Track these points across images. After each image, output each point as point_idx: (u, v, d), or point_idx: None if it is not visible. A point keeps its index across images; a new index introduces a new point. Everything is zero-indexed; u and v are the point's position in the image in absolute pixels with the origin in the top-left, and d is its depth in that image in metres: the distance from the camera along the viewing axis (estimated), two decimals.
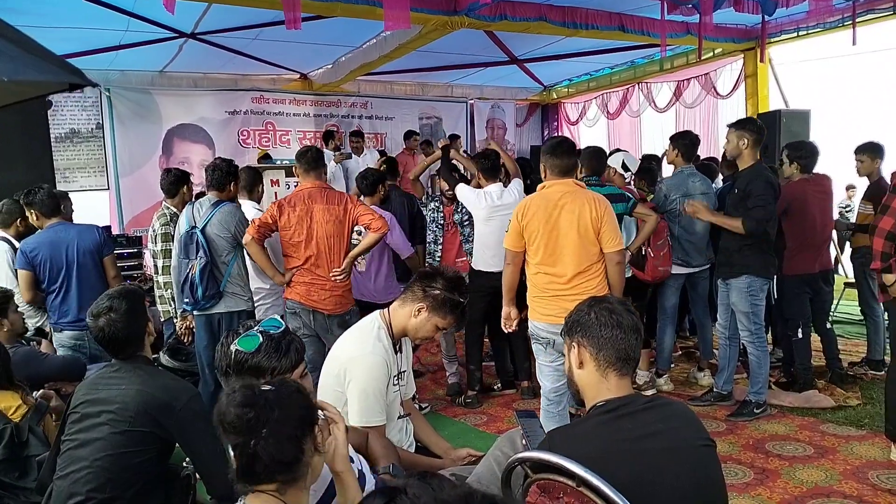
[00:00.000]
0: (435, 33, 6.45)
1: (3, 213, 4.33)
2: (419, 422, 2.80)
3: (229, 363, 1.84)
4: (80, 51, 7.17)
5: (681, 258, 4.71)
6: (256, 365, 1.81)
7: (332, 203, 3.99)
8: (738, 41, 7.76)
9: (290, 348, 1.88)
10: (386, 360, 2.46)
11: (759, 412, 4.25)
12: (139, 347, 2.39)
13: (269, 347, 1.84)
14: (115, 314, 2.32)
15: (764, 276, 4.18)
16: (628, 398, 1.78)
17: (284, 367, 1.84)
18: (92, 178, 8.08)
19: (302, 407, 1.50)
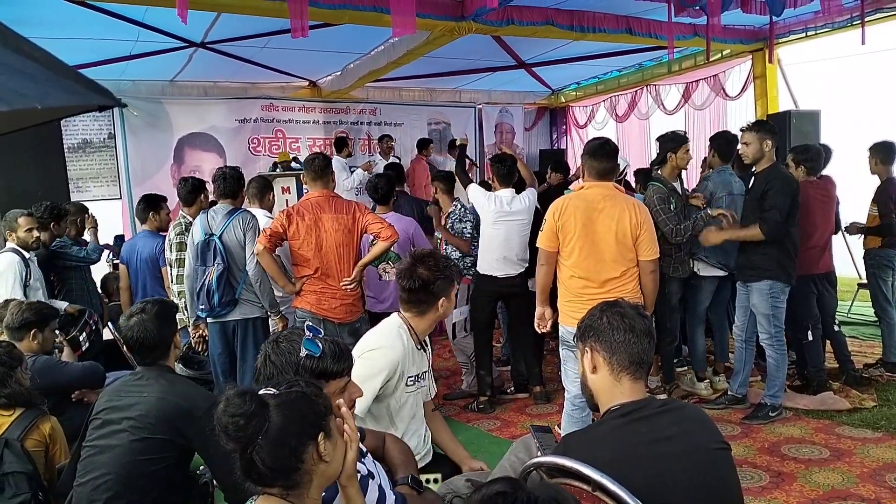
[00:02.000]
0: (442, 39, 6.47)
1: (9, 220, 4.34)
2: (439, 426, 2.80)
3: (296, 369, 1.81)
4: (91, 61, 7.24)
5: (721, 261, 4.63)
6: (323, 369, 1.81)
7: (341, 212, 4.00)
8: (746, 42, 7.73)
9: (348, 352, 1.90)
10: (401, 357, 2.49)
11: (775, 415, 4.23)
12: (164, 355, 2.45)
13: (332, 351, 1.85)
14: (146, 315, 2.40)
15: (786, 280, 4.15)
16: (642, 402, 1.78)
17: (345, 370, 1.86)
18: (105, 187, 8.14)
19: (305, 414, 1.45)
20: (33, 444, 2.63)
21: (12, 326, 3.23)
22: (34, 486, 2.51)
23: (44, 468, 2.64)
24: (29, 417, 2.68)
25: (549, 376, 5.19)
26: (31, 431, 2.65)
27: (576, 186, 3.57)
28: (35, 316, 3.30)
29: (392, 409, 2.54)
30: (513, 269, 4.72)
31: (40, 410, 2.76)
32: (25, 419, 2.67)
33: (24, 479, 2.49)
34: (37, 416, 2.72)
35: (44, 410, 2.79)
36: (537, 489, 1.16)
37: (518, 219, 4.69)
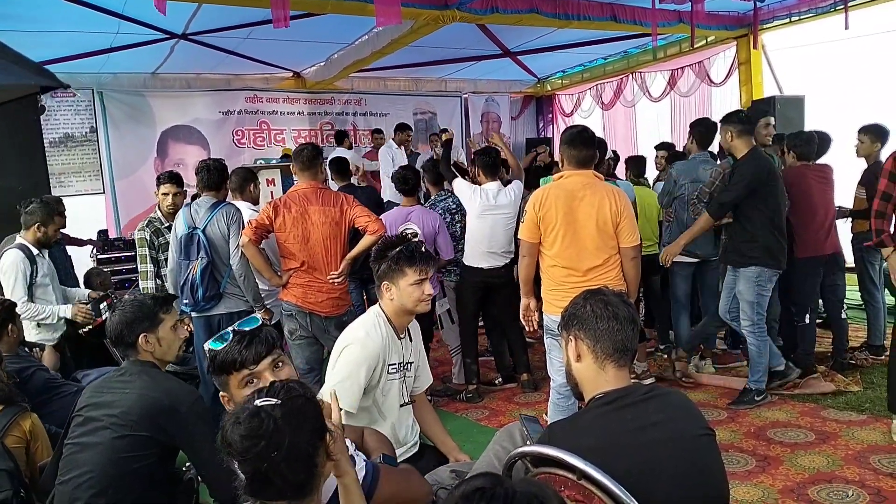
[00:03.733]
0: (427, 28, 6.43)
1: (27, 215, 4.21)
2: (429, 416, 2.81)
3: (209, 363, 1.90)
4: (72, 54, 7.15)
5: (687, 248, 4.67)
6: (223, 360, 1.85)
7: (328, 204, 3.96)
8: (730, 28, 7.74)
9: (253, 340, 1.87)
10: (380, 347, 2.51)
11: (760, 399, 4.26)
12: (132, 351, 2.41)
13: (234, 342, 1.86)
14: (116, 312, 2.41)
15: (774, 267, 4.16)
16: (627, 389, 1.78)
17: (249, 359, 1.84)
18: (87, 182, 8.06)
19: (312, 419, 1.41)
20: (14, 441, 2.60)
21: None
22: (16, 483, 2.47)
23: (25, 465, 2.61)
24: (9, 414, 2.65)
25: (537, 364, 5.19)
26: (11, 428, 2.62)
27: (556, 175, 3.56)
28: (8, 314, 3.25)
29: (378, 400, 2.54)
30: (498, 261, 4.73)
31: (21, 407, 2.73)
32: (5, 416, 2.64)
33: (5, 476, 2.46)
34: (17, 412, 2.68)
35: (24, 407, 2.75)
36: (518, 484, 1.16)
37: (503, 212, 4.67)
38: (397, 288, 2.54)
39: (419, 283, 2.54)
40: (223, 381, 1.88)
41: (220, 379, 1.88)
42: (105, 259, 6.82)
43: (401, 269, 2.54)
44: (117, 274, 6.66)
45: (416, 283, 2.54)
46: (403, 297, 2.54)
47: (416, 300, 2.55)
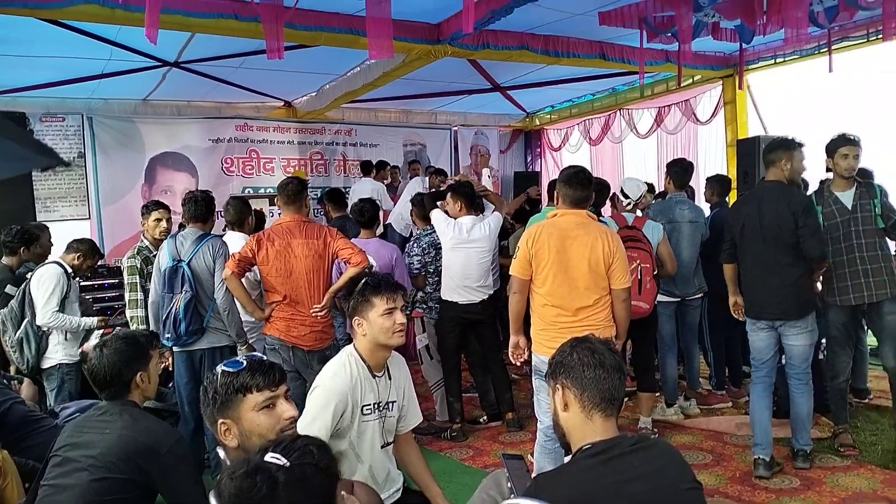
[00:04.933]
0: (418, 62, 6.50)
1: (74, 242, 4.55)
2: (414, 458, 2.75)
3: (216, 387, 1.81)
4: (63, 79, 7.14)
5: (664, 287, 4.71)
6: (243, 381, 1.79)
7: (312, 237, 3.95)
8: (716, 68, 7.88)
9: (273, 367, 1.87)
10: (348, 388, 2.43)
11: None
12: (124, 391, 2.36)
13: (252, 367, 1.83)
14: (108, 350, 2.35)
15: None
16: (614, 441, 1.77)
17: (270, 380, 1.81)
18: (73, 207, 7.99)
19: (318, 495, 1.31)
20: None
21: None
22: None
23: None
24: None
25: (522, 402, 5.16)
26: None
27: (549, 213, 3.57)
28: None
29: (353, 442, 2.48)
30: (475, 296, 4.71)
31: None
32: None
33: None
34: None
35: None
36: None
37: (477, 246, 4.66)
38: (367, 321, 2.47)
39: (389, 312, 2.47)
40: (234, 405, 1.79)
41: (230, 403, 1.79)
42: (88, 286, 6.74)
43: (368, 300, 2.48)
44: (99, 301, 6.57)
45: (386, 314, 2.46)
46: (375, 329, 2.47)
47: (388, 331, 2.47)
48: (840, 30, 6.39)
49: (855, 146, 3.93)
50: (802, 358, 3.82)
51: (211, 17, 5.01)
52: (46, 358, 4.21)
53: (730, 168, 8.04)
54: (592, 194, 3.61)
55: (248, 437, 1.79)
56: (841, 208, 3.97)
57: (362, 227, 4.86)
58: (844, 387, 4.18)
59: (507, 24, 5.73)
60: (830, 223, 3.98)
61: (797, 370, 3.84)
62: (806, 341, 3.80)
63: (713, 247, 4.95)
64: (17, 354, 4.10)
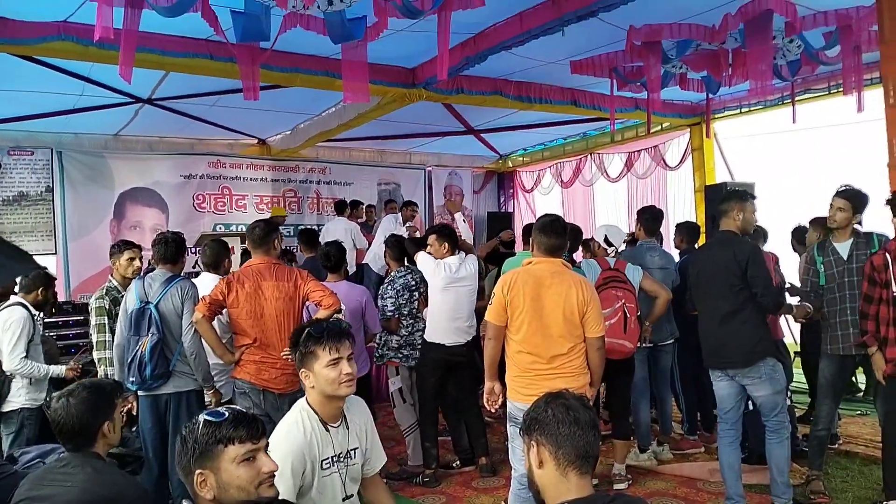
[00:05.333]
0: (393, 104, 6.57)
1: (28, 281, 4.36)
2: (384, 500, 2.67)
3: (196, 436, 1.76)
4: (33, 113, 7.07)
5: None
6: (226, 432, 1.76)
7: (282, 279, 3.91)
8: (684, 116, 8.10)
9: (256, 420, 1.84)
10: (303, 445, 2.35)
11: None
12: (90, 442, 2.28)
13: (235, 418, 1.79)
14: (73, 399, 2.27)
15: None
16: (590, 499, 1.74)
17: (253, 433, 1.78)
18: (39, 241, 7.83)
19: None
20: None
21: None
22: None
23: None
24: None
25: (495, 446, 5.11)
26: None
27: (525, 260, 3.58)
28: None
29: (315, 499, 2.38)
30: (461, 337, 4.70)
31: None
32: None
33: None
34: None
35: None
36: None
37: (465, 284, 4.72)
38: (313, 373, 2.35)
39: (335, 363, 2.34)
40: (213, 456, 1.74)
41: (209, 454, 1.74)
42: (51, 323, 6.56)
43: (311, 352, 2.36)
44: (63, 339, 6.38)
45: (332, 364, 2.33)
46: (321, 381, 2.35)
47: (335, 382, 2.34)
48: (803, 82, 6.61)
49: (839, 198, 4.01)
50: (769, 408, 3.79)
51: (186, 56, 5.03)
52: (8, 402, 4.07)
53: (698, 213, 8.20)
54: (567, 243, 3.64)
55: (226, 489, 1.75)
56: (838, 259, 4.04)
57: (329, 272, 4.85)
58: (824, 435, 4.17)
59: (481, 70, 5.84)
60: (828, 273, 4.07)
61: (768, 420, 3.83)
62: (766, 390, 3.76)
63: (681, 293, 5.02)
64: None
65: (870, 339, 3.75)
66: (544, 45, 4.95)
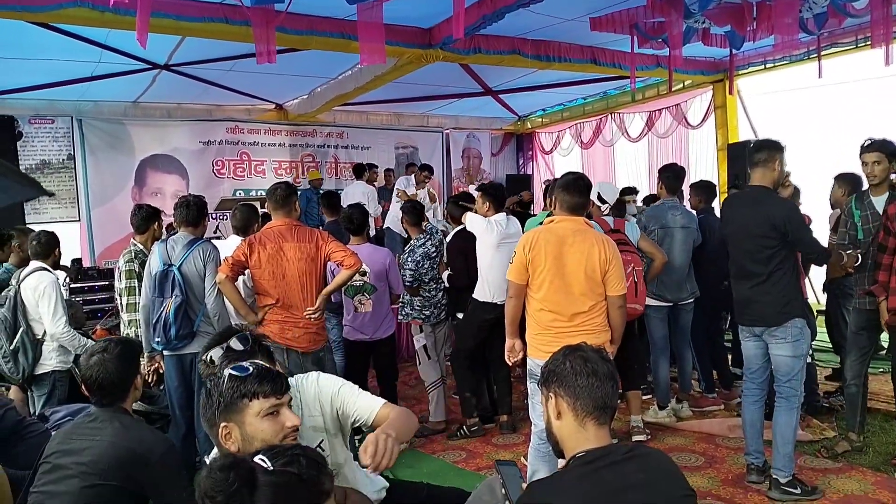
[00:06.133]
0: (410, 66, 6.51)
1: (44, 244, 4.31)
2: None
3: (221, 390, 1.79)
4: (51, 82, 7.12)
5: (657, 292, 4.73)
6: (251, 386, 1.78)
7: (304, 241, 3.94)
8: (706, 73, 7.94)
9: (280, 375, 1.88)
10: None
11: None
12: (122, 397, 2.36)
13: (259, 373, 1.82)
14: (108, 355, 2.33)
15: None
16: (608, 448, 1.77)
17: (278, 388, 1.81)
18: (63, 209, 7.96)
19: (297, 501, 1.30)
20: None
21: None
22: None
23: None
24: None
25: (515, 404, 5.16)
26: None
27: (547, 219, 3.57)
28: None
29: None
30: None
31: None
32: None
33: None
34: None
35: None
36: None
37: (515, 241, 4.58)
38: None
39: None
40: (238, 410, 1.77)
41: (234, 407, 1.77)
42: (77, 288, 6.70)
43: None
44: (89, 304, 6.54)
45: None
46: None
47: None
48: (829, 36, 6.44)
49: (868, 153, 3.89)
50: (785, 371, 3.60)
51: (201, 20, 5.00)
52: (40, 365, 4.15)
53: (720, 172, 8.09)
54: (590, 201, 3.61)
55: (250, 442, 1.77)
56: (874, 213, 3.96)
57: (352, 234, 4.84)
58: (854, 392, 4.10)
59: (498, 29, 5.76)
60: (865, 227, 4.01)
61: (780, 385, 3.64)
62: (788, 352, 3.58)
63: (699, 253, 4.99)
64: (11, 364, 4.01)
65: (878, 289, 3.73)
66: (563, 2, 4.88)
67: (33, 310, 4.11)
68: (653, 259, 4.52)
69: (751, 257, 3.62)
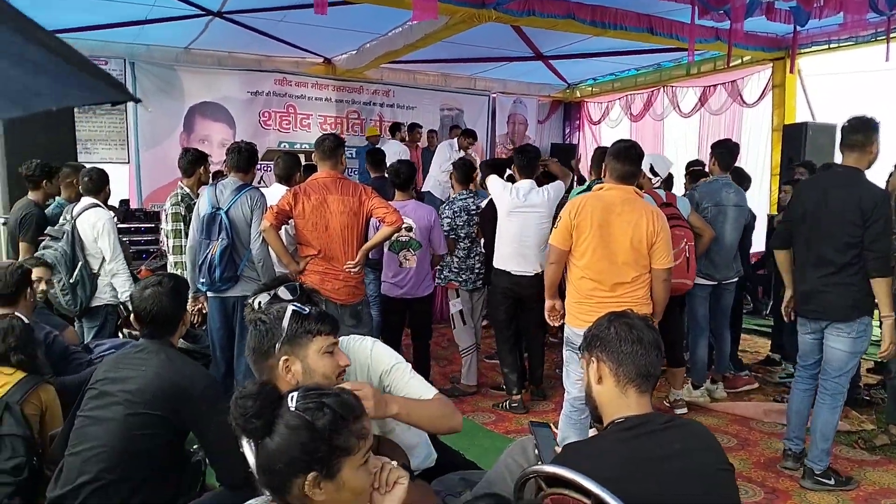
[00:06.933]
0: (462, 25, 6.41)
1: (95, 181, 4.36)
2: None
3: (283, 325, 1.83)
4: (105, 23, 7.17)
5: (704, 271, 4.62)
6: (314, 322, 1.84)
7: (347, 194, 3.95)
8: (767, 50, 7.67)
9: (333, 317, 1.94)
10: None
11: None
12: (172, 331, 2.43)
13: (320, 313, 1.89)
14: (163, 289, 2.39)
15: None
16: (647, 416, 1.75)
17: (331, 330, 1.86)
18: (113, 150, 8.10)
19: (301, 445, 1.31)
20: (31, 408, 2.62)
21: (3, 293, 3.14)
22: (30, 451, 2.51)
23: (38, 434, 2.63)
24: (30, 382, 2.66)
25: (546, 373, 5.17)
26: (30, 396, 2.64)
27: (596, 186, 3.51)
28: (24, 277, 3.25)
29: None
30: (529, 267, 4.53)
31: (42, 378, 2.75)
32: (27, 384, 2.65)
33: (21, 442, 2.50)
34: (38, 382, 2.70)
35: (45, 379, 2.77)
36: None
37: (535, 211, 4.50)
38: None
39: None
40: (301, 344, 1.82)
41: (298, 341, 1.82)
42: (124, 229, 6.85)
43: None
44: (135, 245, 6.69)
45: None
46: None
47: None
48: None
49: None
50: (837, 366, 3.42)
51: None
52: (95, 298, 4.25)
53: (774, 153, 7.88)
54: (640, 171, 3.54)
55: (311, 375, 1.82)
56: None
57: (397, 189, 4.81)
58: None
59: None
60: None
61: (828, 380, 3.47)
62: (846, 347, 3.38)
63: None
64: (69, 297, 4.11)
65: None
66: None
67: (90, 245, 4.20)
68: (701, 235, 4.43)
69: (832, 244, 3.37)
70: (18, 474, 2.47)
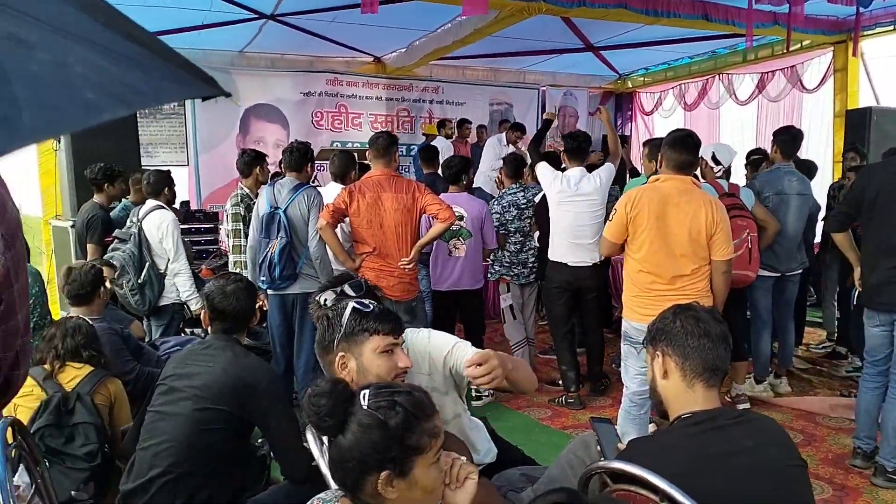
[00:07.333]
0: (511, 18, 6.37)
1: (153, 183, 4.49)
2: None
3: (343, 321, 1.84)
4: (165, 29, 7.37)
5: (767, 262, 4.47)
6: (374, 321, 1.83)
7: (401, 191, 3.98)
8: (828, 33, 7.40)
9: (398, 317, 1.93)
10: None
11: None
12: (241, 328, 2.52)
13: (381, 312, 1.88)
14: (241, 286, 2.51)
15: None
16: (716, 411, 1.72)
17: (391, 330, 1.85)
18: (173, 153, 8.35)
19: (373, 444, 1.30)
20: (101, 399, 2.75)
21: (80, 293, 3.29)
22: (102, 438, 2.62)
23: (107, 424, 2.74)
24: (98, 375, 2.79)
25: (604, 370, 5.11)
26: (99, 388, 2.77)
27: (652, 178, 3.45)
28: (97, 277, 3.38)
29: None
30: (586, 257, 4.44)
31: (108, 371, 2.87)
32: (95, 377, 2.78)
33: (93, 430, 2.62)
34: (105, 375, 2.83)
35: (111, 372, 2.89)
36: (597, 501, 1.13)
37: (588, 199, 4.40)
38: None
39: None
40: (358, 342, 1.82)
41: (355, 338, 1.82)
42: (185, 229, 7.03)
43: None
44: (195, 245, 6.86)
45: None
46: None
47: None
48: None
49: None
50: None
51: None
52: (162, 297, 4.39)
53: (836, 140, 7.60)
54: (698, 160, 3.46)
55: (364, 374, 1.82)
56: None
57: (449, 183, 4.83)
58: None
59: None
60: None
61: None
62: None
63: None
64: (138, 297, 4.25)
65: None
66: None
67: (157, 246, 4.34)
68: (765, 228, 4.31)
69: None
70: (92, 460, 2.59)
